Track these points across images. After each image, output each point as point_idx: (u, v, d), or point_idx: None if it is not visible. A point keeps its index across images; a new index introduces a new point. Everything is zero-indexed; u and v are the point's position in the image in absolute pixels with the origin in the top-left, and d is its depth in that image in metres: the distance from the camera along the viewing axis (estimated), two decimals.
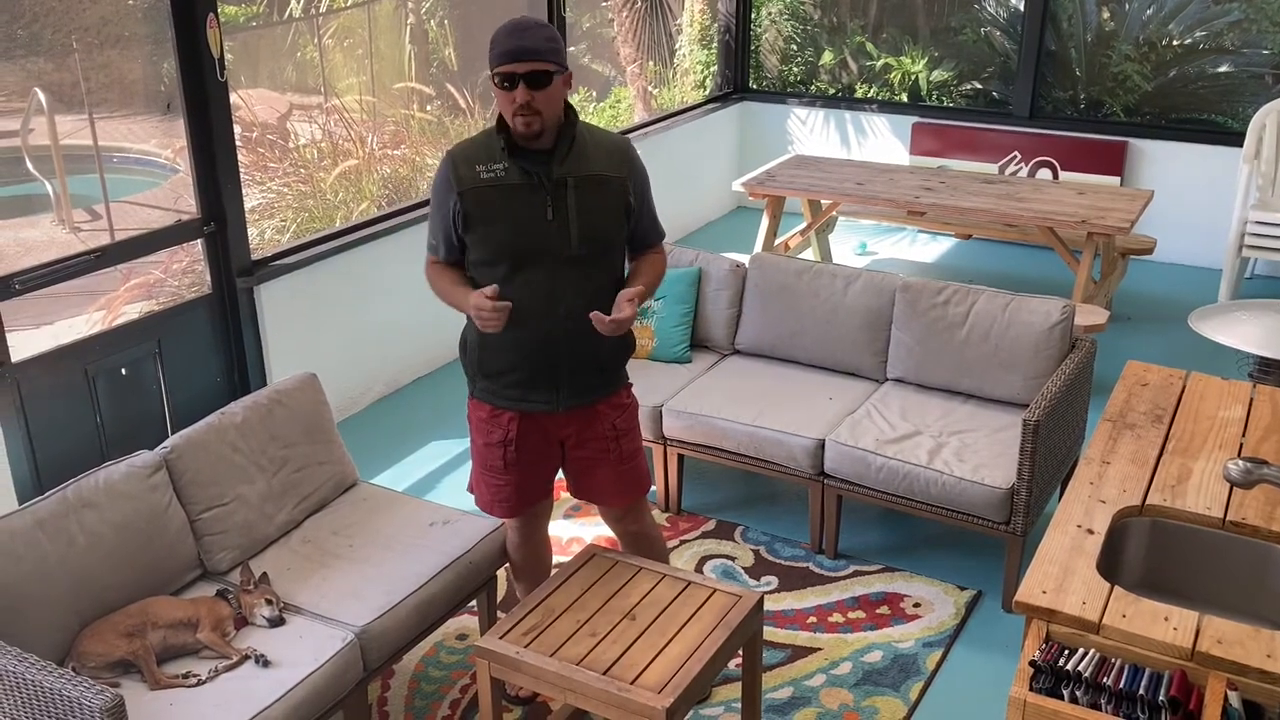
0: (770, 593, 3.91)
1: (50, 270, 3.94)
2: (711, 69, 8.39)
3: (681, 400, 4.24)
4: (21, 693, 2.50)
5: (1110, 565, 2.62)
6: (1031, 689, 2.25)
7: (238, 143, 4.56)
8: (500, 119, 2.86)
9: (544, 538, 3.39)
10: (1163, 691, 2.17)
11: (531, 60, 2.74)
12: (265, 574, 3.14)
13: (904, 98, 7.88)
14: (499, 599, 3.74)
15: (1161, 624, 2.27)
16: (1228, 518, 2.63)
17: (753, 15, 8.15)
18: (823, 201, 6.45)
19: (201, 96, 4.33)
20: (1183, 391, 3.25)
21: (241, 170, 4.59)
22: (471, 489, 3.24)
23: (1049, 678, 2.26)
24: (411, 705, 3.41)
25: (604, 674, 2.71)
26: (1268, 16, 6.78)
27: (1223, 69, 7.01)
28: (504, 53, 2.75)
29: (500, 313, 2.77)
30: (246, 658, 2.89)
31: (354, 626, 3.02)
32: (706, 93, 8.36)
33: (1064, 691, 2.24)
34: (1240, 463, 2.45)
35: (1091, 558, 2.48)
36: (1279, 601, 2.59)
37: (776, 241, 6.48)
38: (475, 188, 2.85)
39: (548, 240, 2.86)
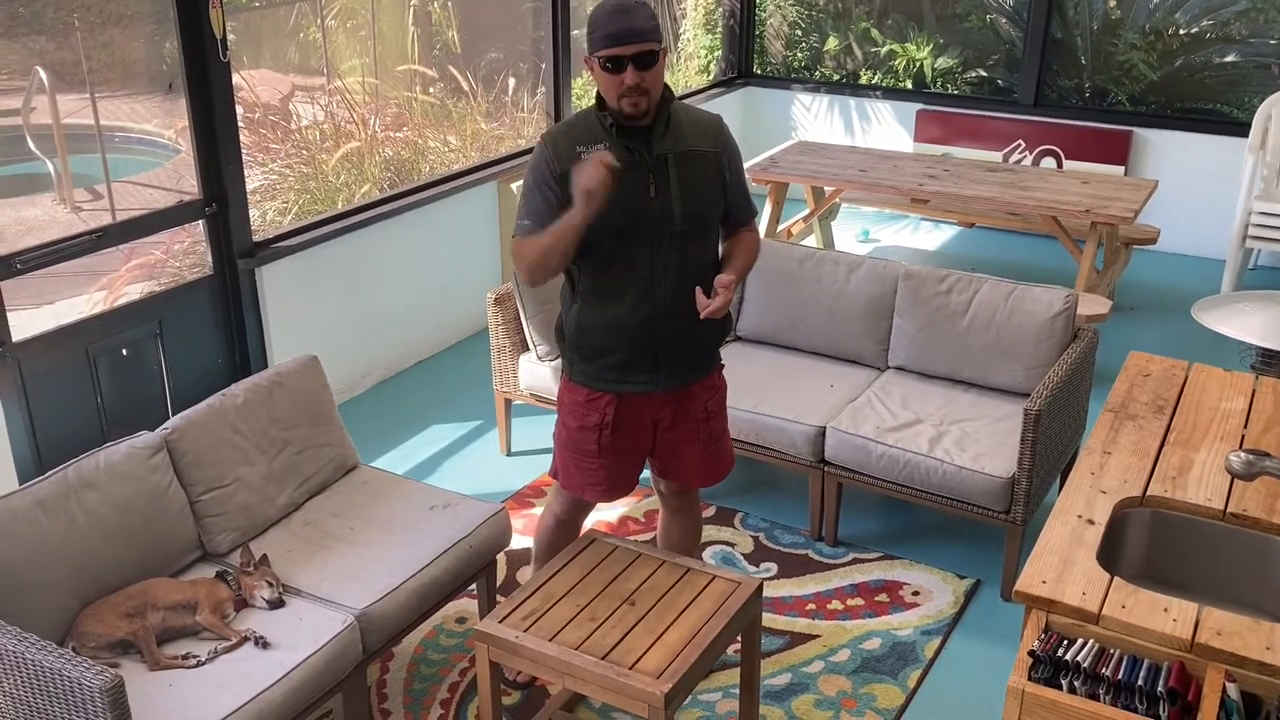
0: (769, 579, 3.91)
1: (51, 250, 3.94)
2: (716, 54, 8.35)
3: None
4: (22, 672, 2.50)
5: (1110, 556, 2.62)
6: (1030, 678, 2.25)
7: (239, 123, 4.54)
8: (599, 100, 2.84)
9: (580, 526, 3.38)
10: (1161, 682, 2.17)
11: (639, 41, 2.71)
12: (265, 556, 3.15)
13: (908, 84, 7.85)
14: (499, 583, 3.74)
15: (1161, 615, 2.27)
16: (1228, 509, 2.62)
17: (758, 0, 8.11)
18: (826, 188, 6.43)
19: (204, 77, 4.31)
20: (1185, 382, 3.25)
21: (243, 151, 4.58)
22: (554, 474, 3.21)
23: (1048, 667, 2.26)
24: (410, 688, 3.42)
25: (603, 659, 2.71)
26: (1275, 6, 6.74)
27: (1229, 59, 6.98)
28: (610, 35, 2.71)
29: (607, 171, 2.63)
30: (246, 639, 2.89)
31: (353, 609, 3.02)
32: (710, 77, 8.32)
33: (1063, 681, 2.24)
34: (1242, 454, 2.44)
35: (1092, 548, 2.48)
36: (1279, 594, 2.59)
37: (779, 228, 6.47)
38: (579, 168, 2.80)
39: (650, 217, 2.83)
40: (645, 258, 2.85)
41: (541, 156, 2.87)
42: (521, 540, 3.96)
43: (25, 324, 3.93)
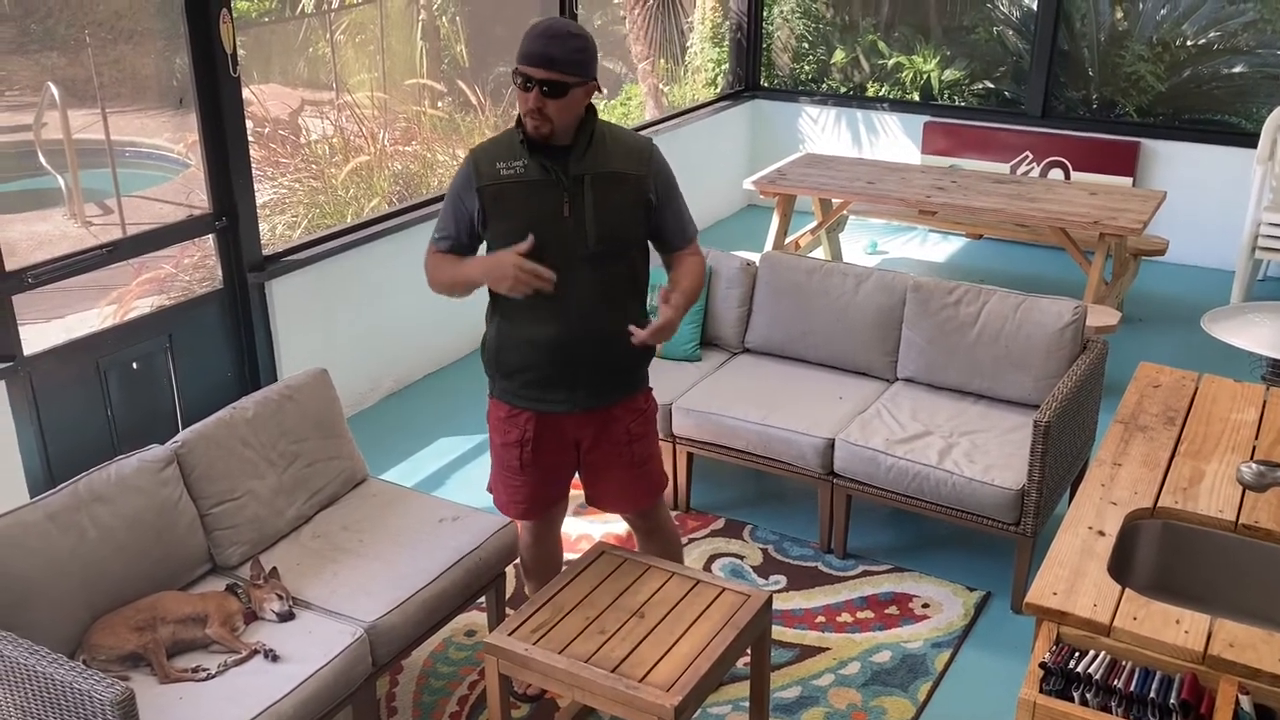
0: (779, 592, 3.91)
1: (62, 264, 3.95)
2: (723, 67, 8.38)
3: (691, 398, 4.23)
4: (32, 685, 2.51)
5: (1121, 567, 2.61)
6: (1042, 691, 2.24)
7: (249, 138, 4.57)
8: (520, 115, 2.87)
9: (557, 538, 3.38)
10: (1174, 695, 2.16)
11: (550, 70, 2.72)
12: (275, 569, 3.15)
13: (916, 96, 7.86)
14: (508, 595, 3.74)
15: (1173, 627, 2.27)
16: (1240, 521, 2.62)
17: (765, 13, 8.13)
18: (834, 200, 6.44)
19: (214, 92, 4.33)
20: (1195, 393, 3.24)
21: (253, 165, 4.60)
22: (491, 489, 3.24)
23: (1059, 680, 2.25)
24: (420, 701, 3.42)
25: (612, 671, 2.71)
26: None
27: (1237, 69, 6.98)
28: (527, 54, 2.74)
29: (530, 272, 2.74)
30: (255, 652, 2.90)
31: (363, 622, 3.02)
32: (718, 90, 8.35)
33: (1074, 694, 2.23)
34: (1253, 465, 2.44)
35: (1102, 560, 2.47)
36: None
37: (787, 240, 6.47)
38: (495, 184, 2.85)
39: (564, 237, 2.85)
40: (559, 277, 2.83)
41: (463, 172, 2.92)
42: None
43: (36, 338, 3.94)
